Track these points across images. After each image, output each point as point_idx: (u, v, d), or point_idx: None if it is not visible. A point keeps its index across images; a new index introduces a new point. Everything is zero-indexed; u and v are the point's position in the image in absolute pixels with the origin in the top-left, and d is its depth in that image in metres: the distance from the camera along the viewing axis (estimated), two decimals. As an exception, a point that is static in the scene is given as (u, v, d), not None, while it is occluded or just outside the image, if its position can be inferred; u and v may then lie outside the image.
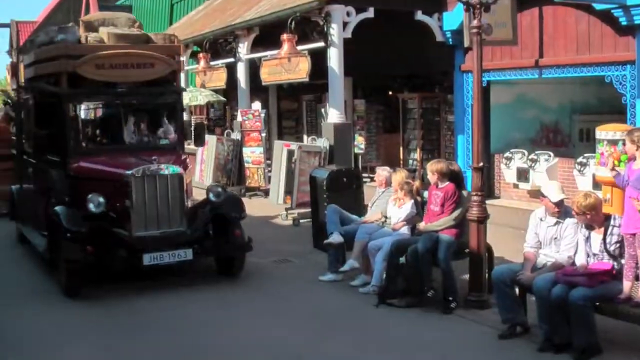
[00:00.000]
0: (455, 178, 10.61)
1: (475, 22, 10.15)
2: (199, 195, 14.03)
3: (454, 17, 17.36)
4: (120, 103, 13.31)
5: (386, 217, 11.53)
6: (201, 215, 12.21)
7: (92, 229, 11.23)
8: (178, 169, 11.85)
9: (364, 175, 18.39)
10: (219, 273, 12.44)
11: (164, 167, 11.72)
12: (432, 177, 10.55)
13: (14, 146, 16.83)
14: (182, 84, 14.80)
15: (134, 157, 12.16)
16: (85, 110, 13.76)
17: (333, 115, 18.32)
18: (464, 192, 10.61)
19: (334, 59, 17.92)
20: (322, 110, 21.89)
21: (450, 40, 18.14)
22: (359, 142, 21.80)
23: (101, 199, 11.37)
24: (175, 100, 13.70)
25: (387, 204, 11.57)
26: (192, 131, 15.23)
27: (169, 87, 13.65)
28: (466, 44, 15.34)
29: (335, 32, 17.79)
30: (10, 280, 12.52)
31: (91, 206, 11.32)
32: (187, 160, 13.85)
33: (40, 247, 12.88)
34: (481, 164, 10.12)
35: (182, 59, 14.52)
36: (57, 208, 11.66)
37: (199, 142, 15.31)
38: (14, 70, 62.65)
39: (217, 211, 12.25)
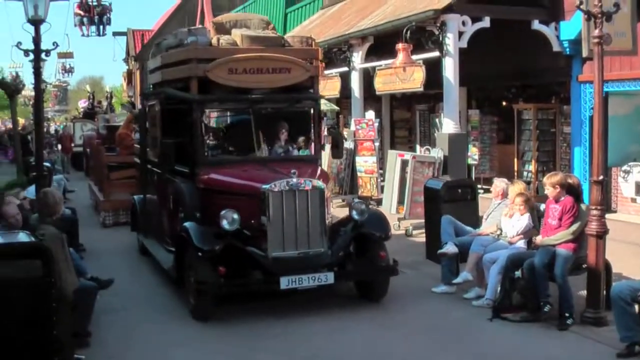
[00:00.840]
0: (574, 191, 10.44)
1: (596, 32, 10.00)
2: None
3: (571, 26, 17.11)
4: (254, 110, 12.37)
5: (501, 230, 11.40)
6: (343, 234, 11.17)
7: (225, 248, 10.38)
8: (321, 184, 10.97)
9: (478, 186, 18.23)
10: (360, 297, 11.52)
11: (304, 181, 10.79)
12: (550, 190, 10.38)
13: (136, 154, 16.60)
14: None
15: (271, 170, 11.43)
16: (216, 118, 13.19)
17: (448, 125, 18.19)
18: (582, 206, 10.41)
19: (449, 69, 17.79)
20: (436, 120, 21.74)
21: (567, 50, 17.90)
22: (473, 153, 21.63)
23: (235, 216, 10.47)
24: (312, 107, 12.84)
25: (503, 216, 11.44)
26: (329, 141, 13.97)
27: (306, 93, 12.84)
28: (585, 54, 14.97)
29: (450, 41, 17.66)
30: (133, 294, 12.07)
31: (225, 223, 10.44)
32: (327, 173, 13.03)
33: (165, 263, 12.26)
34: (601, 177, 9.91)
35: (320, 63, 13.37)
36: (187, 224, 10.90)
37: (338, 152, 14.13)
38: (129, 77, 63.96)
39: (360, 230, 11.18)
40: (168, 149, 12.24)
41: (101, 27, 39.93)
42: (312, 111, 12.86)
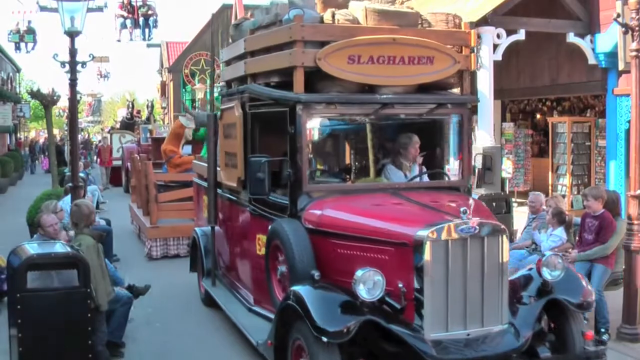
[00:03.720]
0: (612, 205, 10.35)
1: (634, 45, 9.90)
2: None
3: (607, 39, 16.99)
4: (380, 117, 9.10)
5: (536, 244, 11.31)
6: (528, 302, 7.71)
7: (362, 328, 6.78)
8: (501, 227, 7.37)
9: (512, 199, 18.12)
10: None
11: (478, 223, 7.13)
12: (589, 204, 10.29)
13: (196, 171, 13.77)
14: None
15: (419, 206, 8.02)
16: (328, 128, 9.83)
17: (482, 138, 18.09)
18: (620, 221, 10.31)
19: (484, 82, 17.69)
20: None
21: (603, 62, 17.75)
22: (507, 166, 21.50)
23: (379, 278, 6.89)
24: (462, 116, 9.19)
25: (537, 230, 11.36)
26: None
27: (453, 95, 9.36)
28: (621, 67, 14.98)
29: (485, 54, 17.56)
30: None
31: (361, 289, 6.84)
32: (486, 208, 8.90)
33: (253, 336, 8.60)
34: (639, 191, 9.81)
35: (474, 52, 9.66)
36: (300, 289, 7.23)
37: (491, 176, 10.21)
38: (163, 89, 64.01)
39: (552, 296, 7.68)
40: (258, 169, 8.40)
41: (147, 30, 36.06)
42: (461, 121, 9.27)
